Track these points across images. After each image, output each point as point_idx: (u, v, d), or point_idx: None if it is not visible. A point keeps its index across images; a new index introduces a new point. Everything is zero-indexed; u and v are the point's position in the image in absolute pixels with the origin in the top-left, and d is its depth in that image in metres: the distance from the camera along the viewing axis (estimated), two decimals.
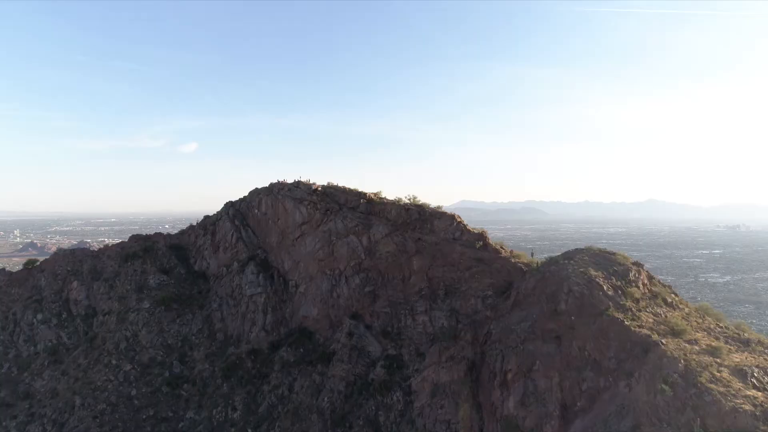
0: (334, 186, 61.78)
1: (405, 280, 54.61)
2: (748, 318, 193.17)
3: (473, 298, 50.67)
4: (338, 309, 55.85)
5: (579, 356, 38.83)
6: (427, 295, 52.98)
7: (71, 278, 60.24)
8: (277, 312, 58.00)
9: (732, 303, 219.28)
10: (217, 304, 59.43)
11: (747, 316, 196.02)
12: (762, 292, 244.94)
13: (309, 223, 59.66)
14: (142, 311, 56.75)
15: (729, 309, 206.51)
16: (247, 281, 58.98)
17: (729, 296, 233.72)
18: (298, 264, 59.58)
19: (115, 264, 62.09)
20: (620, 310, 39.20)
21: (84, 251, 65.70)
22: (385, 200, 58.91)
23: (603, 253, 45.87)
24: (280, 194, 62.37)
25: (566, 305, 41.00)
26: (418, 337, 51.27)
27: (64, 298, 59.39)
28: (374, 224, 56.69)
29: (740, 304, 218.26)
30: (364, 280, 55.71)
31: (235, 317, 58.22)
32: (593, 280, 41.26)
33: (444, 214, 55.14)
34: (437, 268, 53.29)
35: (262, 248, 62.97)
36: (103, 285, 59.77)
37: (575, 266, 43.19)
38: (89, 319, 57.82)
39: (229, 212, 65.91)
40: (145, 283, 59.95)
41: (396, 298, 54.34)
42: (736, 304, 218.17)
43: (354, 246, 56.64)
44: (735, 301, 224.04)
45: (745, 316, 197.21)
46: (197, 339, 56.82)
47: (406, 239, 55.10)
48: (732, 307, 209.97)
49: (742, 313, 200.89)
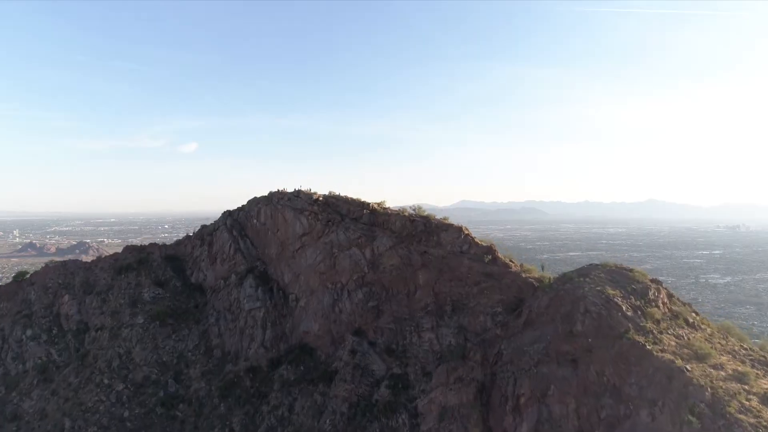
0: (335, 195, 59.52)
1: (410, 294, 52.37)
2: (749, 320, 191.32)
3: (482, 315, 48.41)
4: (340, 324, 53.59)
5: (597, 381, 36.63)
6: (434, 311, 50.74)
7: (62, 292, 57.96)
8: (277, 327, 55.72)
9: (733, 304, 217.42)
10: (214, 319, 57.15)
11: (748, 318, 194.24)
12: (763, 294, 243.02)
13: (310, 235, 57.40)
14: (135, 327, 54.44)
15: (730, 310, 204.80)
16: (246, 295, 56.70)
17: (730, 297, 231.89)
18: (299, 277, 57.31)
19: (108, 276, 59.80)
20: (641, 332, 36.99)
21: (76, 263, 63.41)
22: (389, 211, 56.68)
23: (620, 269, 43.60)
24: (280, 204, 60.11)
25: (583, 326, 38.76)
26: (425, 356, 49.01)
27: (55, 312, 57.08)
28: (378, 236, 54.44)
29: (741, 305, 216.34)
30: (367, 294, 53.45)
31: (233, 332, 55.94)
32: (611, 299, 39.04)
33: (451, 226, 52.91)
34: (444, 282, 51.05)
35: (261, 260, 60.69)
36: (95, 299, 57.46)
37: (591, 284, 40.95)
38: (81, 334, 55.49)
39: (227, 222, 63.66)
40: (140, 296, 57.63)
41: (401, 313, 52.10)
42: (737, 305, 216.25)
43: (357, 259, 54.39)
44: (736, 302, 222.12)
45: (747, 317, 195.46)
46: (193, 356, 54.53)
47: (411, 252, 52.86)
48: (733, 309, 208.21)
49: (744, 315, 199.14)
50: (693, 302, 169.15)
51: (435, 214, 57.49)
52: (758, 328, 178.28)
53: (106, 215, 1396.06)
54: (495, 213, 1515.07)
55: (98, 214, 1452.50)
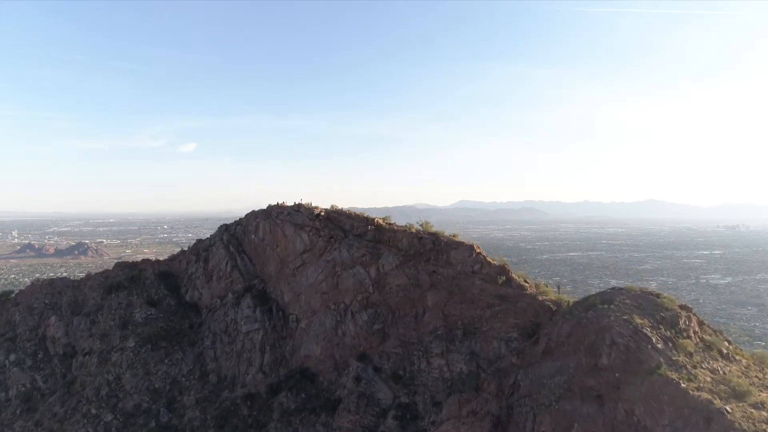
0: (338, 210, 56.32)
1: (418, 317, 49.22)
2: (751, 321, 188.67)
3: (495, 340, 45.28)
4: (344, 348, 50.44)
5: (626, 421, 33.50)
6: (443, 335, 47.59)
7: (49, 312, 54.74)
8: (276, 350, 52.54)
9: (734, 305, 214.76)
10: (210, 341, 53.95)
11: (750, 319, 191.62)
12: (764, 294, 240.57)
13: (311, 252, 54.21)
14: (126, 351, 51.22)
15: (732, 312, 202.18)
16: (243, 316, 53.51)
17: (731, 298, 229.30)
18: (299, 296, 54.14)
19: (97, 296, 56.55)
20: (673, 367, 33.88)
21: (64, 281, 60.09)
22: (395, 227, 53.51)
23: (646, 294, 40.51)
24: (279, 218, 56.90)
25: (609, 360, 35.63)
26: (434, 384, 45.87)
27: (41, 335, 53.87)
28: (383, 254, 51.28)
29: (743, 306, 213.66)
30: (372, 316, 50.29)
31: (229, 356, 52.76)
32: (640, 330, 35.92)
33: (461, 244, 49.74)
34: (454, 305, 47.91)
35: (259, 278, 57.48)
36: (83, 320, 54.23)
37: (617, 312, 37.80)
38: (68, 359, 52.27)
39: (224, 237, 60.44)
40: (131, 317, 54.40)
41: (408, 337, 48.95)
42: (739, 306, 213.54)
43: (361, 278, 51.24)
44: (737, 303, 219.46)
45: (749, 318, 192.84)
46: (188, 381, 51.33)
47: (419, 271, 49.71)
48: (734, 310, 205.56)
49: (745, 316, 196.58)
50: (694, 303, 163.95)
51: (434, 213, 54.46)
52: (760, 330, 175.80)
53: (106, 215, 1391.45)
54: (494, 213, 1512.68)
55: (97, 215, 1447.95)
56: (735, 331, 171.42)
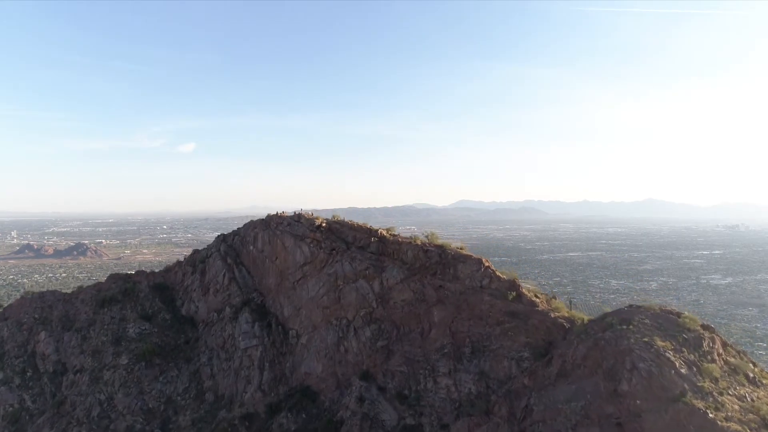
0: (340, 221, 54.11)
1: (424, 334, 47.09)
2: (752, 322, 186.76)
3: (506, 359, 43.15)
4: (346, 366, 48.30)
5: None
6: (451, 353, 45.45)
7: (38, 328, 52.49)
8: (276, 367, 50.37)
9: (735, 306, 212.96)
10: (206, 358, 51.76)
11: (751, 320, 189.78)
12: (765, 295, 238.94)
13: (312, 264, 52.04)
14: (119, 368, 49.01)
15: (733, 312, 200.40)
16: (241, 331, 51.32)
17: (732, 299, 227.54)
18: (300, 311, 51.98)
19: (89, 310, 54.31)
20: (699, 394, 31.81)
21: (54, 294, 57.78)
22: (400, 239, 51.35)
23: (665, 313, 38.41)
24: (279, 229, 54.68)
25: (630, 385, 33.53)
26: (441, 404, 43.71)
27: (30, 351, 51.62)
28: (387, 267, 49.13)
29: (744, 307, 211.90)
30: (376, 332, 48.17)
31: (227, 373, 50.57)
32: (662, 354, 33.83)
33: (469, 257, 47.59)
34: (462, 321, 45.79)
35: (258, 291, 55.29)
36: (74, 336, 51.99)
37: (636, 334, 35.72)
38: (58, 377, 50.06)
39: (221, 248, 58.17)
40: (124, 332, 52.19)
41: (414, 355, 46.79)
42: (740, 307, 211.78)
43: (364, 292, 49.09)
44: (738, 303, 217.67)
45: (750, 319, 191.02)
46: (183, 400, 49.14)
47: (425, 286, 47.58)
48: (736, 311, 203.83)
49: (746, 317, 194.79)
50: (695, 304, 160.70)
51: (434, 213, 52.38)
52: (762, 331, 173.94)
53: (105, 215, 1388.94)
54: (494, 213, 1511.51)
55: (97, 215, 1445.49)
56: (736, 332, 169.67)
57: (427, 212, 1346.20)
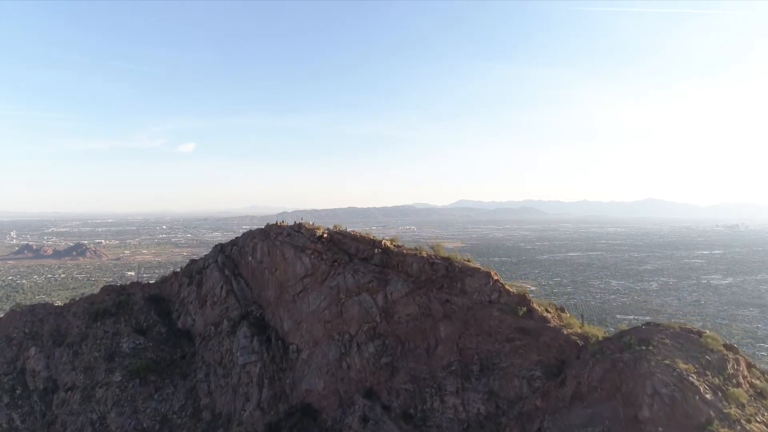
0: (342, 232, 52.11)
1: (430, 350, 45.17)
2: (753, 322, 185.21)
3: (516, 378, 41.23)
4: (349, 383, 46.34)
5: None
6: (458, 370, 43.54)
7: (28, 343, 50.47)
8: (275, 384, 48.40)
9: (736, 306, 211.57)
10: (203, 374, 49.79)
11: (752, 321, 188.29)
12: (766, 295, 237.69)
13: (313, 276, 50.08)
14: (112, 386, 47.03)
15: (734, 313, 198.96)
16: (240, 346, 49.35)
17: (733, 299, 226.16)
18: (300, 324, 50.02)
19: (81, 324, 52.28)
20: (725, 422, 29.89)
21: (46, 307, 55.69)
22: (405, 250, 49.38)
23: (686, 332, 36.50)
24: (279, 240, 52.67)
25: (651, 412, 31.60)
26: (449, 425, 41.77)
27: (19, 368, 49.60)
28: (392, 280, 47.20)
29: (744, 307, 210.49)
30: (380, 348, 46.22)
31: (224, 390, 48.61)
32: (686, 378, 31.92)
33: (477, 270, 45.64)
34: (470, 337, 43.86)
35: (257, 303, 53.31)
36: (66, 351, 49.99)
37: (657, 355, 33.80)
38: (48, 395, 48.04)
39: (218, 259, 56.13)
40: (118, 347, 50.20)
41: (419, 372, 44.87)
42: (741, 307, 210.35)
43: (367, 306, 47.16)
44: (739, 304, 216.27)
45: (751, 320, 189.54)
46: (179, 419, 47.16)
47: (431, 300, 45.65)
48: (737, 311, 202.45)
49: (747, 318, 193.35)
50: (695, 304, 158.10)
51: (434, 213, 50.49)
52: (763, 332, 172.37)
53: (104, 215, 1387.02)
54: (494, 212, 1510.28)
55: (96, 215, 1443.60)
56: (737, 333, 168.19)
57: (426, 212, 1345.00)
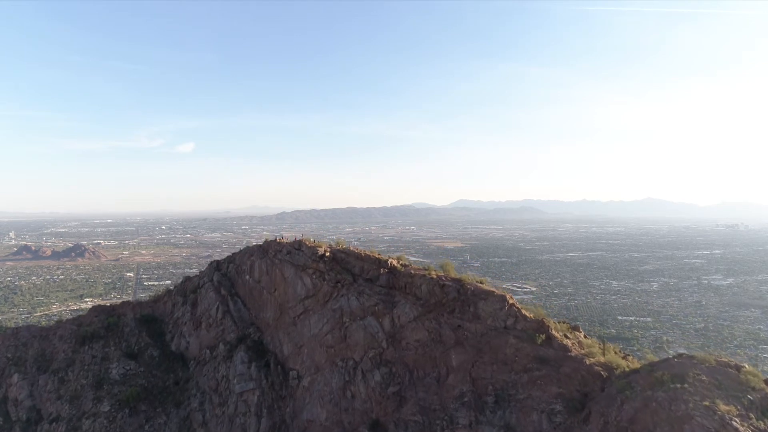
0: (345, 250, 48.99)
1: (441, 379, 42.09)
2: (755, 323, 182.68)
3: (535, 412, 38.17)
4: (353, 414, 43.26)
5: None
6: (471, 402, 40.47)
7: (11, 369, 47.31)
8: (275, 414, 45.30)
9: (737, 307, 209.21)
10: (197, 402, 46.65)
11: (754, 322, 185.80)
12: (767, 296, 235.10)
13: (314, 297, 46.99)
14: (99, 416, 43.87)
15: (735, 314, 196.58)
16: (236, 373, 46.23)
17: (734, 300, 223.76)
18: (301, 349, 46.92)
19: (68, 348, 49.10)
20: None
21: (31, 330, 52.43)
22: (413, 270, 46.28)
23: (723, 366, 33.45)
24: (278, 258, 49.54)
25: None
26: None
27: (2, 397, 46.44)
28: (399, 303, 44.11)
29: (746, 308, 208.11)
30: (386, 376, 43.14)
31: (220, 420, 45.49)
32: (728, 422, 28.86)
33: (491, 293, 42.57)
34: (484, 366, 40.79)
35: (255, 325, 50.18)
36: (51, 379, 46.82)
37: (695, 395, 30.74)
38: (32, 426, 44.85)
39: (214, 278, 52.98)
40: (106, 374, 47.06)
41: (429, 402, 41.80)
42: (742, 308, 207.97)
43: (373, 330, 44.08)
44: (740, 305, 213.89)
45: (753, 321, 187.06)
46: None
47: (441, 325, 42.58)
48: (738, 312, 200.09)
49: (749, 318, 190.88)
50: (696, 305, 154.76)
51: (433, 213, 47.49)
52: (765, 333, 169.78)
53: (103, 216, 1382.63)
54: (493, 212, 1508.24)
55: (95, 215, 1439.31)
56: (739, 334, 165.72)
57: (426, 212, 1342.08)
